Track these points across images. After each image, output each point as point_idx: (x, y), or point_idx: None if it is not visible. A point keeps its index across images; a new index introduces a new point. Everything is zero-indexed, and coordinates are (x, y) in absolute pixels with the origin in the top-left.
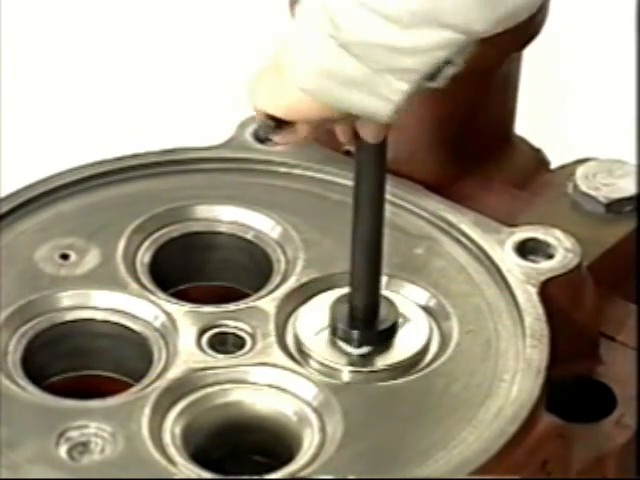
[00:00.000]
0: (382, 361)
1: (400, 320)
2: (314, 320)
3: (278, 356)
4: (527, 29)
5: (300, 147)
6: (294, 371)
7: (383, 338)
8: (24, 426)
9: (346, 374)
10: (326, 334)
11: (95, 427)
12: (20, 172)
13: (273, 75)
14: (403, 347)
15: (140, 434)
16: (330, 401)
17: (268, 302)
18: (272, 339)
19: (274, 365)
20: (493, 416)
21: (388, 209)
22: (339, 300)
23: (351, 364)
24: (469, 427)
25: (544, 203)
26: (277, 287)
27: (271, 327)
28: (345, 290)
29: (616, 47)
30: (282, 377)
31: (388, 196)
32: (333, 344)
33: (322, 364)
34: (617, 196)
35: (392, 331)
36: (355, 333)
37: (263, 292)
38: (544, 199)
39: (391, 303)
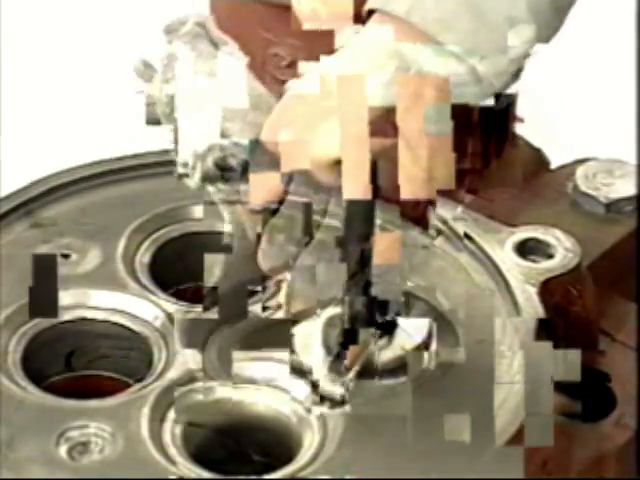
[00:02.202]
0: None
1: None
2: (309, 339)
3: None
4: None
5: None
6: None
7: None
8: (24, 426)
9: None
10: (322, 353)
11: (95, 427)
12: (20, 172)
13: (319, 122)
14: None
15: (140, 434)
16: None
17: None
18: None
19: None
20: (494, 416)
21: None
22: (331, 322)
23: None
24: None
25: (544, 203)
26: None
27: None
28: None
29: (616, 47)
30: (282, 377)
31: None
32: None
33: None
34: (617, 196)
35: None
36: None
37: None
38: (544, 199)
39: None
